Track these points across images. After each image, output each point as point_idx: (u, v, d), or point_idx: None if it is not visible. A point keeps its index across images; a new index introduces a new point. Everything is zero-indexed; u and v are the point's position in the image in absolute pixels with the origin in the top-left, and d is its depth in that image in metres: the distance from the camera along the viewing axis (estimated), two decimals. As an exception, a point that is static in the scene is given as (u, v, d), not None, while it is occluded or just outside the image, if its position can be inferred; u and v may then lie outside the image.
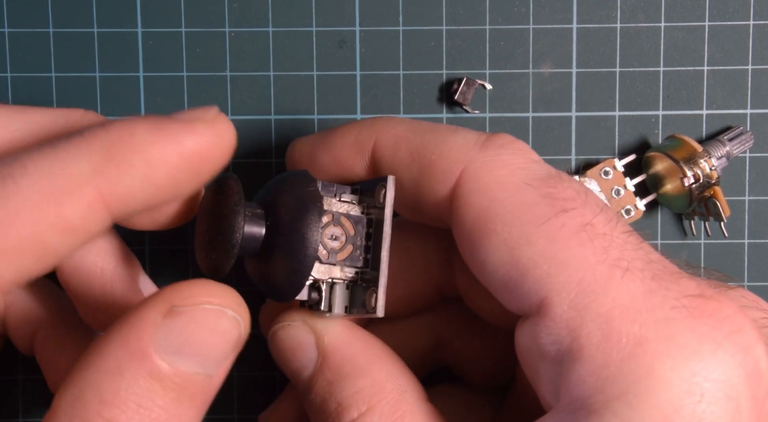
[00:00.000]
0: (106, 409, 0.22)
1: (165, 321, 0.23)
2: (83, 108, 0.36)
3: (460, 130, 0.27)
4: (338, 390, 0.27)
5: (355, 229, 0.27)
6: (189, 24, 0.36)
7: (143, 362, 0.22)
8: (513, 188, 0.25)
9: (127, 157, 0.23)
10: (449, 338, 0.31)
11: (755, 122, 0.36)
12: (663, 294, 0.23)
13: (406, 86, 0.36)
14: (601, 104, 0.36)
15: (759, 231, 0.37)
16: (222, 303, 0.24)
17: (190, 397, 0.23)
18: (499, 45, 0.36)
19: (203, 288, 0.24)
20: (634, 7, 0.36)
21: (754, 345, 0.23)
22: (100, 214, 0.23)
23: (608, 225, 0.24)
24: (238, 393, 0.36)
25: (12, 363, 0.36)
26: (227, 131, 0.24)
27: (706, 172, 0.34)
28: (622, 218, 0.25)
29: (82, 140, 0.23)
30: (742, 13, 0.36)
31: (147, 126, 0.23)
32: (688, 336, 0.22)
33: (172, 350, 0.23)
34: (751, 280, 0.37)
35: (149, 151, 0.23)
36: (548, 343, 0.23)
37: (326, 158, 0.29)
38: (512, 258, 0.24)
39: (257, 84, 0.36)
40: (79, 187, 0.22)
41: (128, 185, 0.23)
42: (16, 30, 0.36)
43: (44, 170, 0.22)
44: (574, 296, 0.23)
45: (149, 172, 0.23)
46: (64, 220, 0.22)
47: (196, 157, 0.24)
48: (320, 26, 0.36)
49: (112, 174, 0.22)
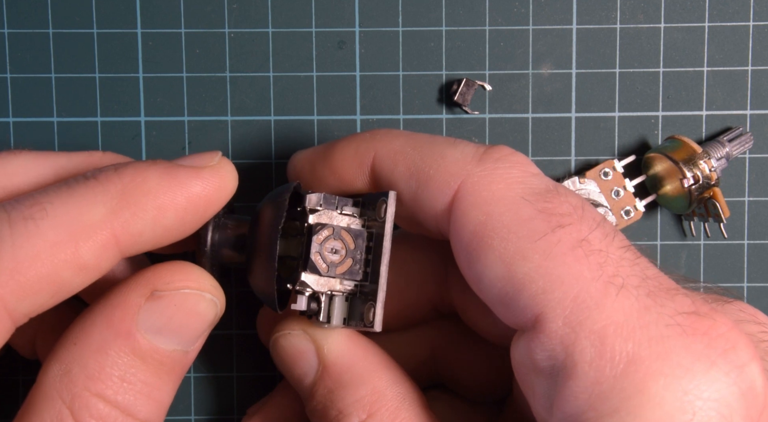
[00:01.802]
0: (93, 383, 0.24)
1: (147, 304, 0.25)
2: (83, 109, 0.36)
3: (459, 143, 0.27)
4: (339, 398, 0.27)
5: (355, 243, 0.27)
6: (188, 25, 0.36)
7: (127, 340, 0.25)
8: (509, 203, 0.25)
9: (139, 202, 0.25)
10: (445, 351, 0.32)
11: (755, 123, 0.36)
12: (658, 312, 0.23)
13: (405, 87, 0.36)
14: (600, 105, 0.36)
15: (758, 232, 0.37)
16: (200, 287, 0.26)
17: (168, 371, 0.25)
18: (498, 46, 0.36)
19: (182, 272, 0.26)
20: (634, 8, 0.36)
21: (749, 363, 0.22)
22: (112, 253, 0.25)
23: (604, 240, 0.24)
24: (238, 393, 0.36)
25: (12, 364, 0.36)
26: (230, 175, 0.27)
27: (706, 173, 0.34)
28: (619, 233, 0.25)
29: (97, 183, 0.25)
30: (742, 14, 0.36)
31: (158, 172, 0.25)
32: (682, 355, 0.22)
33: (153, 330, 0.25)
34: (750, 281, 0.37)
35: (160, 197, 0.25)
36: (543, 359, 0.23)
37: (326, 171, 0.29)
38: (508, 274, 0.24)
39: (257, 84, 0.36)
40: (95, 229, 0.24)
41: (140, 227, 0.25)
42: (16, 31, 0.36)
43: (63, 213, 0.24)
44: (569, 312, 0.23)
45: (159, 216, 0.25)
46: (79, 260, 0.24)
47: (202, 201, 0.26)
48: (320, 27, 0.36)
49: (125, 217, 0.24)
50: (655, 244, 0.37)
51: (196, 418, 0.36)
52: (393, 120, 0.36)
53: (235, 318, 0.36)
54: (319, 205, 0.27)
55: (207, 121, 0.36)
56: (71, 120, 0.36)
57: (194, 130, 0.36)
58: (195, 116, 0.36)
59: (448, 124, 0.36)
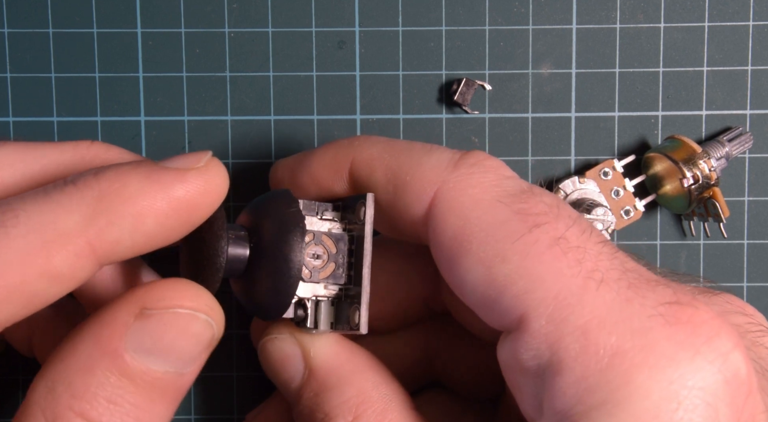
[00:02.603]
0: (77, 403, 0.23)
1: (136, 323, 0.23)
2: (83, 109, 0.36)
3: (435, 150, 0.27)
4: (324, 400, 0.27)
5: (337, 247, 0.27)
6: (188, 24, 0.36)
7: (114, 360, 0.23)
8: (486, 206, 0.25)
9: (116, 208, 0.23)
10: (439, 350, 0.32)
11: (755, 123, 0.36)
12: (640, 303, 0.23)
13: (405, 87, 0.36)
14: (600, 105, 0.36)
15: (758, 232, 0.37)
16: (194, 306, 0.24)
17: (160, 394, 0.24)
18: (498, 45, 0.36)
19: (175, 291, 0.24)
20: (634, 8, 0.36)
21: (732, 350, 0.23)
22: (88, 263, 0.23)
23: (582, 236, 0.24)
24: (237, 393, 0.36)
25: (12, 364, 0.36)
26: (218, 177, 0.25)
27: (706, 172, 0.34)
28: (596, 229, 0.25)
29: (75, 189, 0.23)
30: (742, 14, 0.36)
31: (138, 176, 0.24)
32: (665, 345, 0.22)
33: (142, 350, 0.23)
34: (750, 281, 0.37)
35: (139, 202, 0.23)
36: (528, 358, 0.23)
37: (306, 178, 0.29)
38: (489, 277, 0.24)
39: (257, 84, 0.36)
40: (69, 238, 0.23)
41: (117, 235, 0.23)
42: (16, 30, 0.36)
43: (36, 221, 0.22)
44: (551, 310, 0.23)
45: (138, 223, 0.23)
46: (52, 270, 0.23)
47: (186, 206, 0.24)
48: (320, 27, 0.36)
49: (101, 225, 0.23)
50: (655, 244, 0.37)
51: (195, 418, 0.36)
52: (393, 120, 0.36)
53: (235, 318, 0.36)
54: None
55: (207, 120, 0.36)
56: (71, 119, 0.36)
57: (194, 129, 0.36)
58: (195, 116, 0.36)
59: (448, 124, 0.36)
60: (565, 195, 0.36)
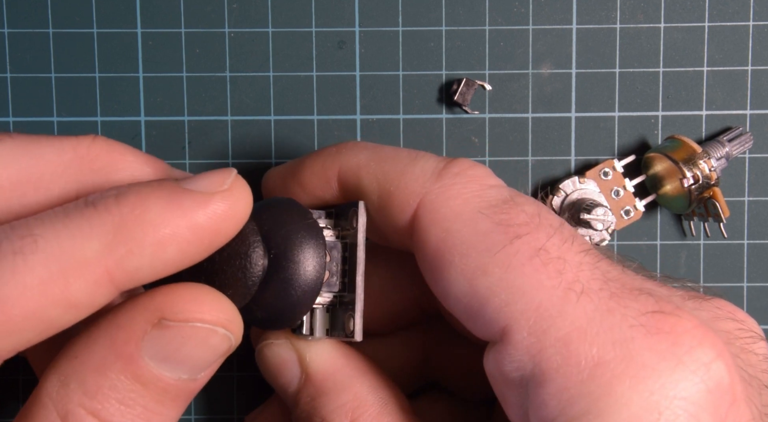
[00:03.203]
0: (89, 401, 0.23)
1: (153, 331, 0.23)
2: (83, 109, 0.36)
3: (420, 158, 0.27)
4: (321, 405, 0.27)
5: (330, 255, 0.27)
6: (188, 24, 0.36)
7: (128, 365, 0.23)
8: (467, 218, 0.25)
9: (137, 236, 0.22)
10: (434, 352, 0.32)
11: (755, 123, 0.36)
12: (621, 313, 0.23)
13: (405, 87, 0.36)
14: (600, 105, 0.36)
15: (758, 232, 0.37)
16: (214, 321, 0.23)
17: (172, 398, 0.24)
18: (498, 45, 0.36)
19: (196, 301, 0.23)
20: (634, 8, 0.36)
21: (715, 359, 0.22)
22: (106, 290, 0.23)
23: (563, 246, 0.24)
24: (238, 393, 0.36)
25: (12, 364, 0.36)
26: (243, 201, 0.24)
27: (706, 172, 0.34)
28: (579, 236, 0.25)
29: (95, 213, 0.22)
30: (742, 14, 0.36)
31: (160, 200, 0.23)
32: (646, 355, 0.22)
33: (158, 358, 0.23)
34: (750, 281, 0.37)
35: (160, 231, 0.22)
36: (512, 370, 0.23)
37: (296, 187, 0.29)
38: (471, 289, 0.24)
39: (257, 84, 0.36)
40: (88, 266, 0.22)
41: (137, 264, 0.22)
42: (16, 30, 0.36)
43: (55, 247, 0.22)
44: (533, 322, 0.23)
45: (159, 251, 0.23)
46: (70, 298, 0.22)
47: (209, 232, 0.23)
48: (320, 27, 0.36)
49: (121, 254, 0.22)
50: (655, 244, 0.37)
51: (196, 418, 0.36)
52: (393, 120, 0.36)
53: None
54: None
55: (207, 120, 0.36)
56: (71, 120, 0.36)
57: (194, 129, 0.36)
58: (195, 116, 0.36)
59: (448, 124, 0.36)
60: (565, 195, 0.36)
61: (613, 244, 0.37)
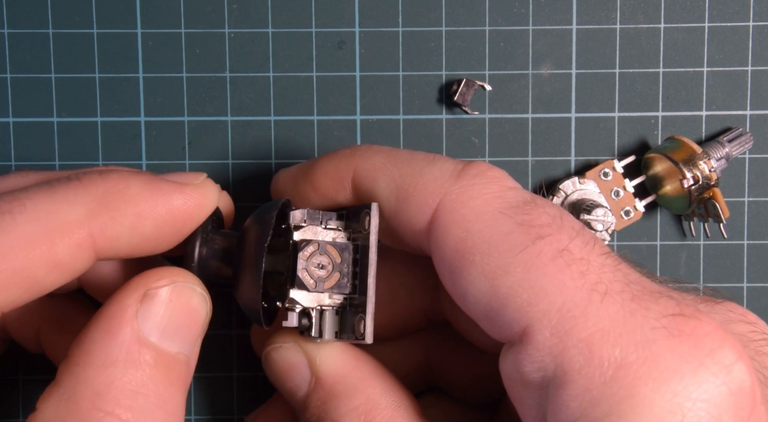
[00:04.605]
0: (102, 401, 0.23)
1: (143, 305, 0.25)
2: (83, 109, 0.36)
3: (437, 160, 0.27)
4: (333, 408, 0.27)
5: (342, 257, 0.27)
6: (188, 25, 0.36)
7: (131, 348, 0.24)
8: (488, 218, 0.25)
9: (120, 206, 0.25)
10: (439, 357, 0.32)
11: (755, 123, 0.36)
12: (643, 315, 0.23)
13: (405, 87, 0.36)
14: (600, 105, 0.36)
15: (758, 233, 0.37)
16: (189, 280, 0.26)
17: (176, 378, 0.25)
18: (498, 46, 0.36)
19: (169, 271, 0.26)
20: (634, 8, 0.36)
21: (736, 361, 0.23)
22: (87, 254, 0.25)
23: (585, 248, 0.24)
24: (238, 393, 0.36)
25: (12, 364, 0.36)
26: (212, 195, 0.27)
27: (706, 173, 0.34)
28: (599, 240, 0.25)
29: (80, 185, 0.25)
30: (742, 14, 0.36)
31: (141, 181, 0.25)
32: (668, 357, 0.22)
33: (155, 332, 0.25)
34: (750, 281, 0.37)
35: (140, 204, 0.25)
36: (532, 371, 0.23)
37: (308, 188, 0.29)
38: (492, 289, 0.24)
39: (257, 85, 0.36)
40: (72, 228, 0.24)
41: (117, 232, 0.25)
42: (16, 31, 0.36)
43: (42, 209, 0.24)
44: (555, 323, 0.23)
45: (138, 223, 0.25)
46: (54, 258, 0.24)
47: (181, 215, 0.26)
48: (320, 27, 0.36)
49: (104, 220, 0.24)
50: (655, 245, 0.37)
51: (196, 418, 0.36)
52: (393, 120, 0.36)
53: (235, 318, 0.36)
54: (303, 220, 0.28)
55: (207, 121, 0.36)
56: (71, 120, 0.36)
57: (194, 130, 0.36)
58: (195, 116, 0.36)
59: (448, 125, 0.36)
60: (565, 195, 0.36)
61: (613, 245, 0.37)
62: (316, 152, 0.36)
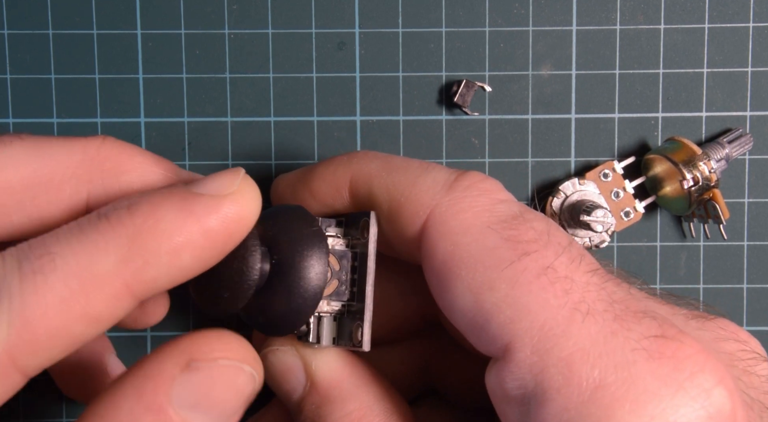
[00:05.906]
0: None
1: (183, 376, 0.23)
2: (83, 110, 0.36)
3: (431, 170, 0.27)
4: (326, 413, 0.27)
5: (340, 264, 0.27)
6: (188, 26, 0.36)
7: (158, 416, 0.22)
8: (476, 232, 0.25)
9: (152, 247, 0.23)
10: (437, 361, 0.32)
11: (755, 124, 0.36)
12: (624, 336, 0.23)
13: (405, 88, 0.36)
14: (600, 106, 0.36)
15: (758, 234, 0.37)
16: (239, 358, 0.24)
17: None
18: (498, 47, 0.36)
19: (220, 342, 0.24)
20: (634, 9, 0.36)
21: (716, 385, 0.22)
22: (125, 302, 0.23)
23: (570, 266, 0.24)
24: (237, 394, 0.36)
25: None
26: (253, 201, 0.24)
27: (706, 174, 0.34)
28: (587, 256, 0.25)
29: (109, 227, 0.23)
30: (742, 15, 0.36)
31: (172, 208, 0.23)
32: (648, 379, 0.22)
33: (188, 404, 0.23)
34: (750, 282, 0.37)
35: (174, 239, 0.23)
36: (514, 388, 0.23)
37: (306, 194, 0.29)
38: (477, 304, 0.24)
39: (257, 85, 0.36)
40: (106, 280, 0.22)
41: (154, 274, 0.23)
42: (16, 31, 0.36)
43: (72, 264, 0.22)
44: (537, 341, 0.23)
45: (174, 259, 0.23)
46: (91, 312, 0.22)
47: (221, 236, 0.23)
48: (320, 28, 0.36)
49: (137, 266, 0.22)
50: (655, 246, 0.37)
51: (195, 419, 0.36)
52: (393, 121, 0.36)
53: (235, 320, 0.36)
54: None
55: (207, 122, 0.36)
56: (71, 121, 0.36)
57: (194, 131, 0.36)
58: (195, 117, 0.36)
59: (448, 125, 0.36)
60: (565, 196, 0.36)
61: (612, 246, 0.37)
62: (316, 153, 0.36)
